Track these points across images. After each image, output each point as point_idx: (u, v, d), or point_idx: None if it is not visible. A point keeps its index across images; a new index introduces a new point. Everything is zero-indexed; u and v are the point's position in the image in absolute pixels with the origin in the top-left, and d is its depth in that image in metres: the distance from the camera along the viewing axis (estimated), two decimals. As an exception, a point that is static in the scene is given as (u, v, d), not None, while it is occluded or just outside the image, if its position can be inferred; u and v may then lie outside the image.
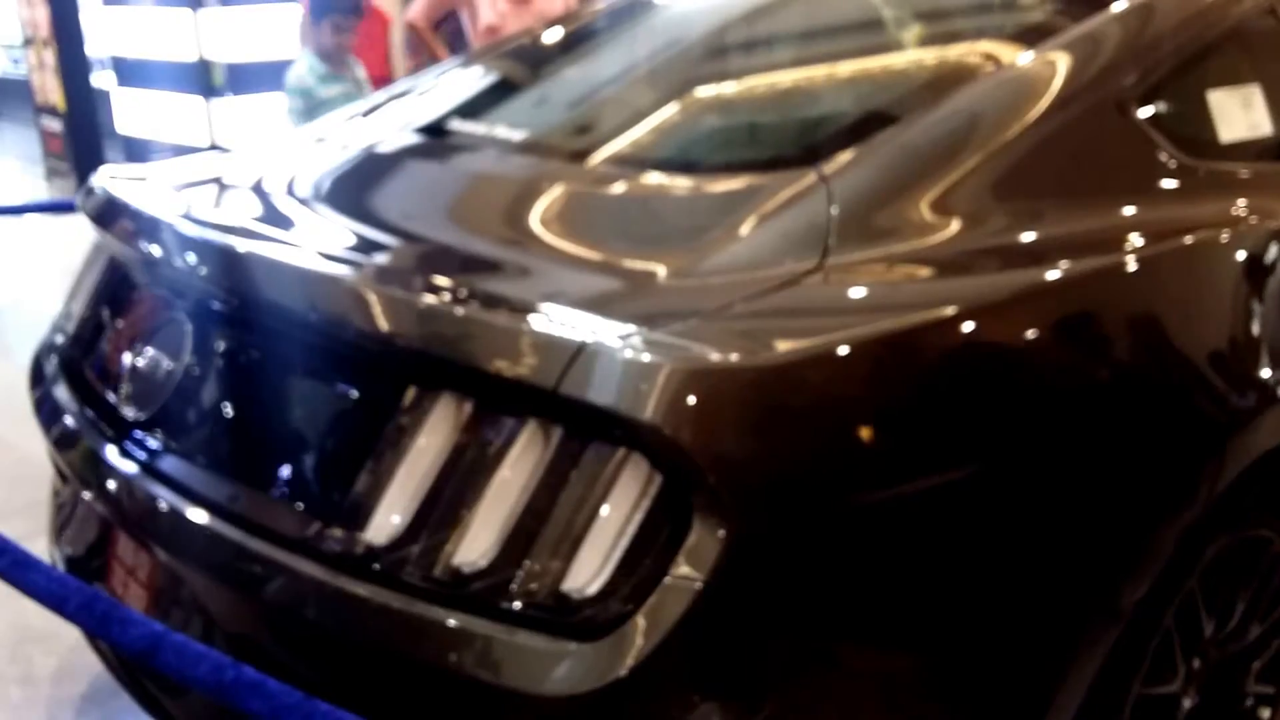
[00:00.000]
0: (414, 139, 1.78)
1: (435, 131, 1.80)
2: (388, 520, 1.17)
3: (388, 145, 1.77)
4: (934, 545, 1.18)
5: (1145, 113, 1.50)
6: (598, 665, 1.05)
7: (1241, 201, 1.53)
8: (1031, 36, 1.64)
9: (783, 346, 1.12)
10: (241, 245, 1.39)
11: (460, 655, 1.09)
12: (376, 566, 1.16)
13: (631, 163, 1.57)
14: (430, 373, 1.19)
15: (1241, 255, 1.46)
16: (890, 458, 1.15)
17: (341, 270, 1.32)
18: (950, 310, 1.21)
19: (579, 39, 2.29)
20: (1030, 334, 1.26)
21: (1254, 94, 1.62)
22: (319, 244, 1.44)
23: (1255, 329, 1.45)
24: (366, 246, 1.46)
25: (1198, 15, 1.62)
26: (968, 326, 1.22)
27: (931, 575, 1.18)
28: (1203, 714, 1.51)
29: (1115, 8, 1.60)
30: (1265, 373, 1.45)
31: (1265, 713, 1.64)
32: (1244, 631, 1.54)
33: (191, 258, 1.43)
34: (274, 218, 1.61)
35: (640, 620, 1.05)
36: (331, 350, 1.28)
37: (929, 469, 1.17)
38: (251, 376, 1.41)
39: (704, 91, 1.87)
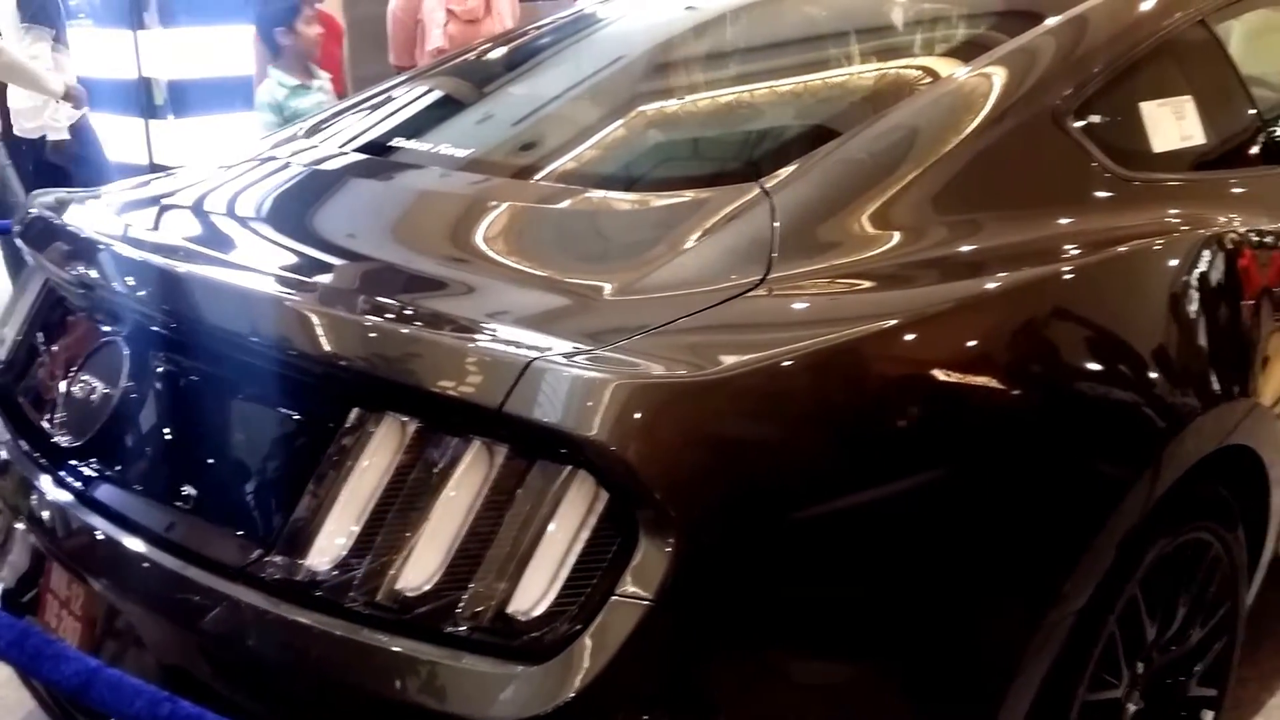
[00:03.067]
0: (357, 157, 1.76)
1: (379, 150, 1.78)
2: (330, 545, 1.15)
3: (331, 164, 1.75)
4: (880, 556, 1.18)
5: (1079, 125, 1.53)
6: (545, 687, 1.04)
7: (1175, 211, 1.57)
8: (969, 51, 1.68)
9: (727, 361, 1.12)
10: (180, 267, 1.37)
11: (405, 682, 1.08)
12: (318, 593, 1.14)
13: (576, 179, 1.57)
14: (373, 393, 1.17)
15: (1175, 264, 1.50)
16: (835, 470, 1.16)
17: (282, 291, 1.31)
18: (893, 322, 1.22)
19: (522, 56, 2.29)
20: (972, 345, 1.28)
21: (1186, 105, 1.66)
22: (259, 265, 1.43)
23: (1190, 336, 1.48)
24: (308, 267, 1.44)
25: (1130, 28, 1.66)
26: (910, 338, 1.23)
27: (878, 587, 1.19)
28: (1147, 718, 1.53)
29: (1049, 22, 1.64)
30: (1201, 378, 1.47)
31: (1208, 716, 1.66)
32: (1186, 635, 1.56)
33: (129, 280, 1.40)
34: (214, 239, 1.58)
35: (588, 640, 1.04)
36: (272, 372, 1.26)
37: (873, 481, 1.17)
38: (190, 401, 1.38)
39: (647, 107, 1.88)
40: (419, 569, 1.10)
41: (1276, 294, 1.62)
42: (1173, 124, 1.63)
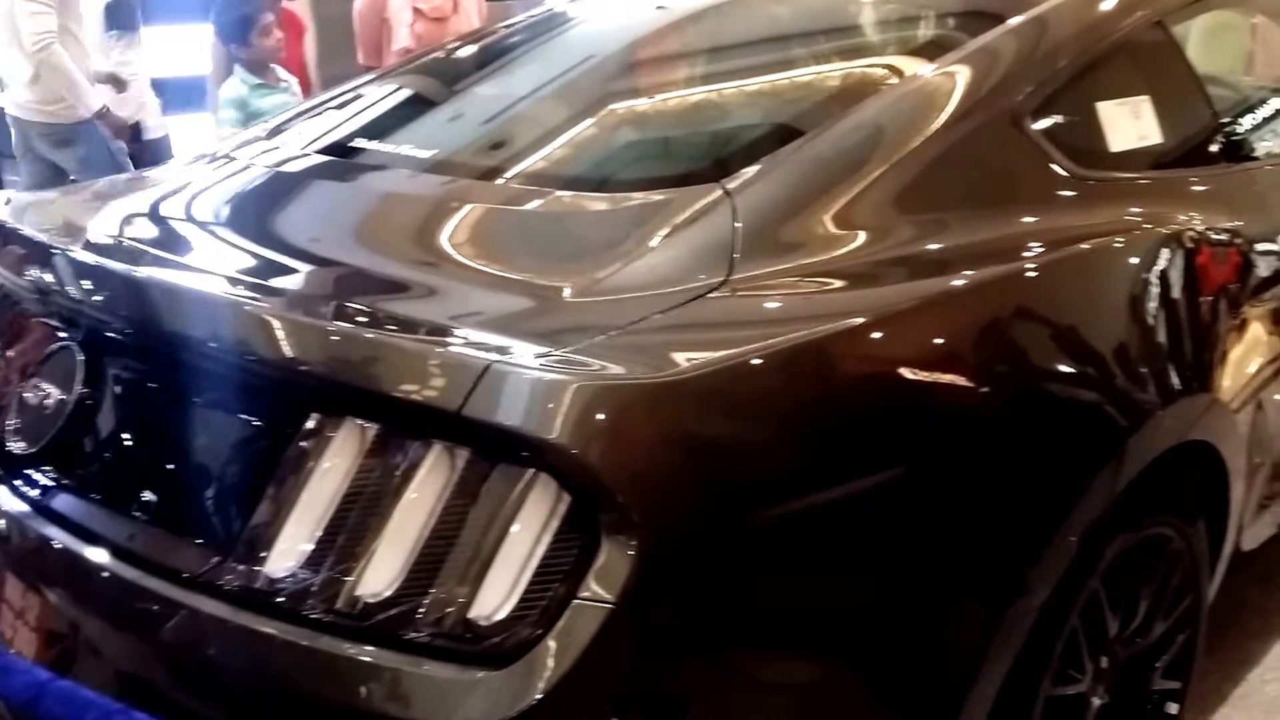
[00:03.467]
0: (321, 159, 1.74)
1: (344, 151, 1.77)
2: (289, 552, 1.13)
3: (294, 166, 1.73)
4: (846, 554, 1.18)
5: (1037, 126, 1.54)
6: (509, 693, 1.03)
7: (1131, 210, 1.58)
8: (928, 52, 1.69)
9: (688, 361, 1.12)
10: (136, 271, 1.35)
11: (367, 690, 1.06)
12: (278, 601, 1.12)
13: (541, 180, 1.56)
14: (333, 398, 1.16)
15: (1135, 262, 1.51)
16: (801, 469, 1.15)
17: (240, 295, 1.29)
18: (855, 321, 1.22)
19: (489, 56, 2.28)
20: (935, 343, 1.28)
21: (1143, 105, 1.67)
22: (216, 268, 1.41)
23: (1150, 333, 1.49)
24: (267, 270, 1.42)
25: (1087, 30, 1.67)
26: (873, 337, 1.23)
27: (844, 584, 1.19)
28: (1112, 712, 1.54)
29: (1009, 23, 1.65)
30: (1161, 374, 1.49)
31: (1173, 707, 1.68)
32: (1148, 628, 1.58)
33: (85, 284, 1.38)
34: (170, 242, 1.56)
35: (551, 644, 1.03)
36: (229, 378, 1.24)
37: (840, 479, 1.17)
38: (147, 407, 1.36)
39: (613, 108, 1.87)
40: (380, 575, 1.09)
41: (1233, 291, 1.64)
42: (1130, 124, 1.64)
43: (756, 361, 1.14)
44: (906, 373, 1.24)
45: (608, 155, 1.73)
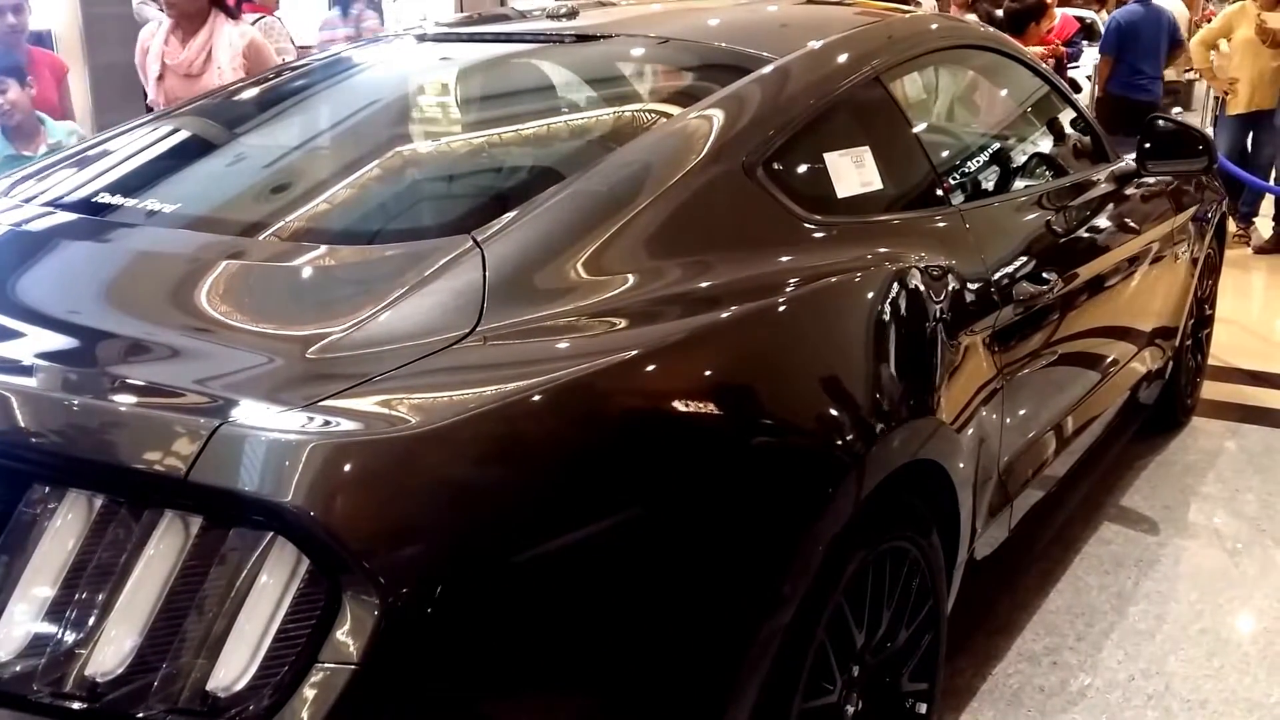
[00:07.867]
0: (67, 216, 1.66)
1: (92, 207, 1.69)
2: (11, 634, 1.07)
3: (35, 224, 1.64)
4: (604, 591, 1.21)
5: (768, 175, 1.65)
6: (250, 764, 1.01)
7: (860, 250, 1.72)
8: (679, 102, 1.79)
9: (428, 414, 1.13)
10: None
11: (95, 775, 1.02)
12: (2, 687, 1.06)
13: (299, 235, 1.55)
14: (54, 469, 1.11)
15: (862, 299, 1.64)
16: (549, 511, 1.17)
17: None
18: (599, 363, 1.26)
19: (262, 104, 2.24)
20: (683, 379, 1.33)
21: (865, 155, 1.82)
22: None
23: (881, 361, 1.62)
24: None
25: (810, 86, 1.81)
26: (618, 377, 1.27)
27: (596, 623, 1.22)
28: (866, 717, 1.64)
29: (743, 80, 1.77)
30: (891, 398, 1.61)
31: (923, 708, 1.81)
32: (894, 636, 1.70)
33: None
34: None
35: (292, 712, 1.01)
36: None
37: (585, 519, 1.20)
38: None
39: (376, 160, 1.88)
40: (111, 651, 1.05)
41: (951, 321, 1.80)
42: (853, 172, 1.79)
43: (497, 408, 1.16)
44: (656, 408, 1.29)
45: (373, 208, 1.73)
